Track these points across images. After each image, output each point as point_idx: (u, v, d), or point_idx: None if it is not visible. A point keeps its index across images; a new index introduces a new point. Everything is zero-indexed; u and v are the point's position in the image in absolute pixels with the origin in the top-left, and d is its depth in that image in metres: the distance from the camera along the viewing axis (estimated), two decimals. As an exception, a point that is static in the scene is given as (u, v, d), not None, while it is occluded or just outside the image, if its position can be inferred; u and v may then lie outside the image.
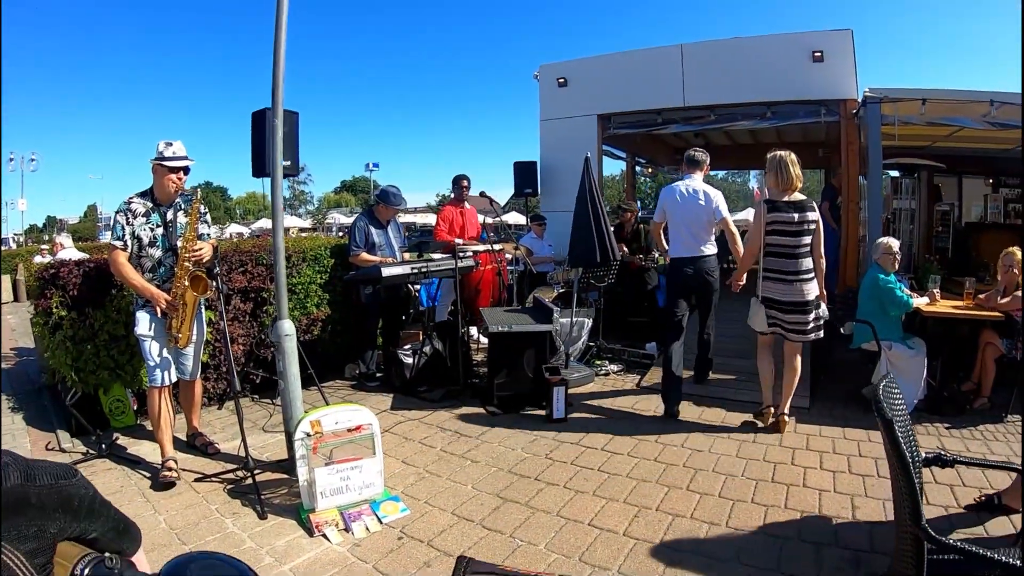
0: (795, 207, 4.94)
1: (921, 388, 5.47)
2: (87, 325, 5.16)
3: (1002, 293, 5.73)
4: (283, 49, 4.20)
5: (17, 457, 1.14)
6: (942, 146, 9.67)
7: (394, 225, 6.92)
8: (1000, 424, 5.25)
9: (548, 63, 10.54)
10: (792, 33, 8.90)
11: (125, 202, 4.52)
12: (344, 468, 3.81)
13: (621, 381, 6.61)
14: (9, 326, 13.06)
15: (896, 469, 2.34)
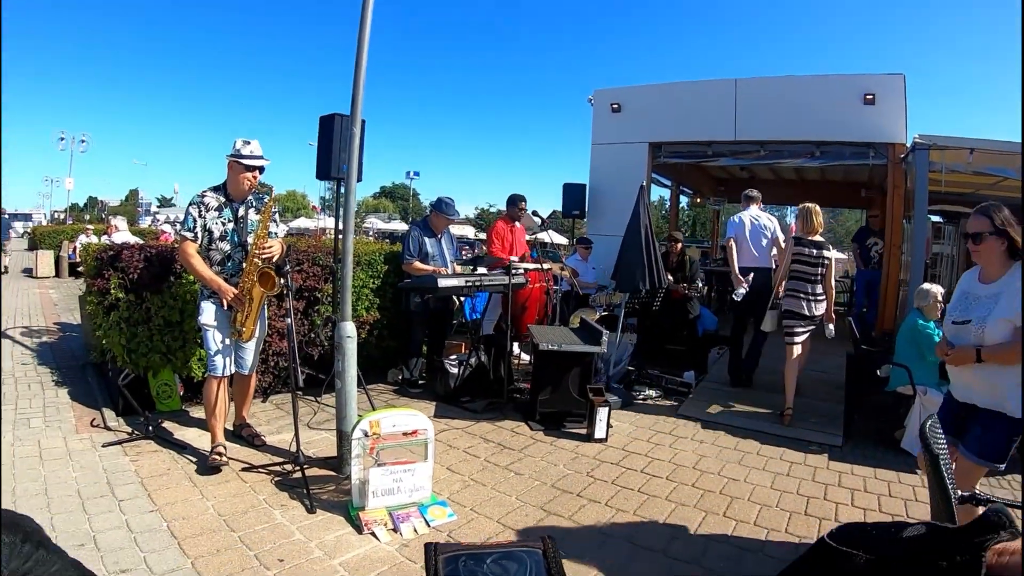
0: (815, 245, 6.33)
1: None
2: (143, 309, 5.32)
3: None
4: (364, 63, 4.31)
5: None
6: (986, 194, 9.62)
7: (447, 236, 6.99)
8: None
9: (603, 88, 10.64)
10: (844, 74, 8.96)
11: (199, 195, 4.64)
12: (397, 470, 3.91)
13: (659, 407, 6.67)
14: (51, 300, 13.35)
15: (938, 502, 2.43)
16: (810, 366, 7.52)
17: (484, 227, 38.44)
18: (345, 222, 4.63)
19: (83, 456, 4.61)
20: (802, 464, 5.16)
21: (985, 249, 3.24)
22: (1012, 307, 3.06)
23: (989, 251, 3.23)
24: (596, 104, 10.68)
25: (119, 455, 4.64)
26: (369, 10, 4.34)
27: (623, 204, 8.26)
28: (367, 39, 4.34)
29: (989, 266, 3.30)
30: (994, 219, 3.21)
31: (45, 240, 22.85)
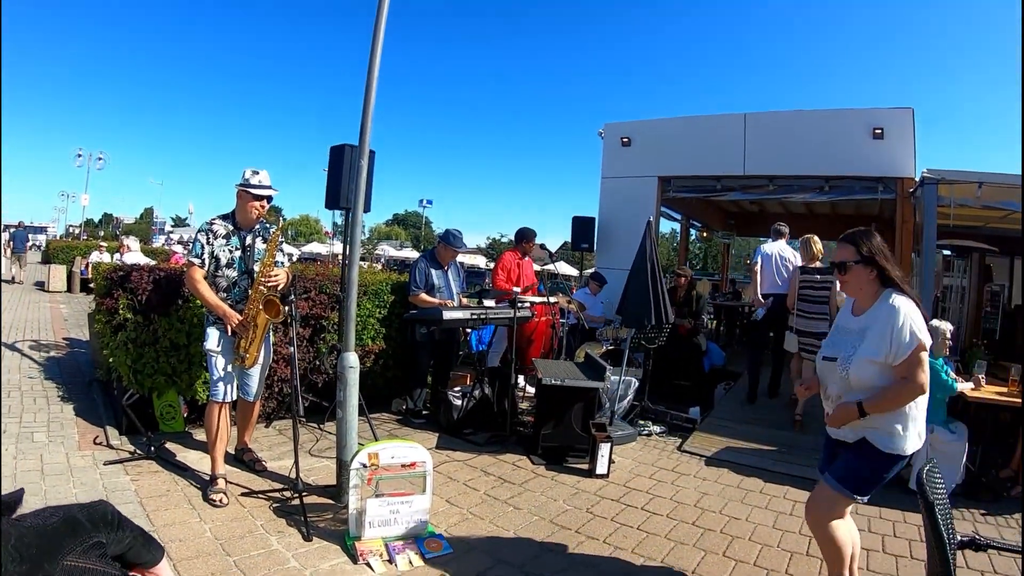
0: (817, 271, 7.23)
1: (960, 473, 5.45)
2: (150, 330, 5.36)
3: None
4: (373, 97, 4.40)
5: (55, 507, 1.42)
6: (996, 227, 9.62)
7: (454, 267, 7.02)
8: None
9: (613, 122, 10.73)
10: (853, 109, 9.01)
11: (208, 223, 4.71)
12: (395, 501, 3.92)
13: (663, 443, 6.62)
14: (61, 315, 13.42)
15: (933, 550, 2.41)
16: (816, 403, 7.44)
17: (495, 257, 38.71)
18: (351, 253, 4.67)
19: (84, 473, 4.63)
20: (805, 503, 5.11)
21: (852, 279, 3.11)
22: (878, 346, 2.91)
23: (856, 280, 3.10)
24: (606, 137, 10.76)
25: (120, 474, 4.66)
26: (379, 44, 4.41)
27: (632, 238, 8.28)
28: (376, 74, 4.44)
29: (859, 297, 3.17)
30: (860, 247, 3.07)
31: (59, 255, 23.15)
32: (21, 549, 1.29)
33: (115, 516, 1.54)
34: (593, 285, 9.65)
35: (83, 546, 1.39)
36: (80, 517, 1.44)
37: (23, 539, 1.30)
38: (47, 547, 1.34)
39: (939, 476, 2.60)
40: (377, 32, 4.42)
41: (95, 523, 1.46)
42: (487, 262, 47.41)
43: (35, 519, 1.42)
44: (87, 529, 1.42)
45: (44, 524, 1.42)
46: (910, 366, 2.84)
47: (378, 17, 4.43)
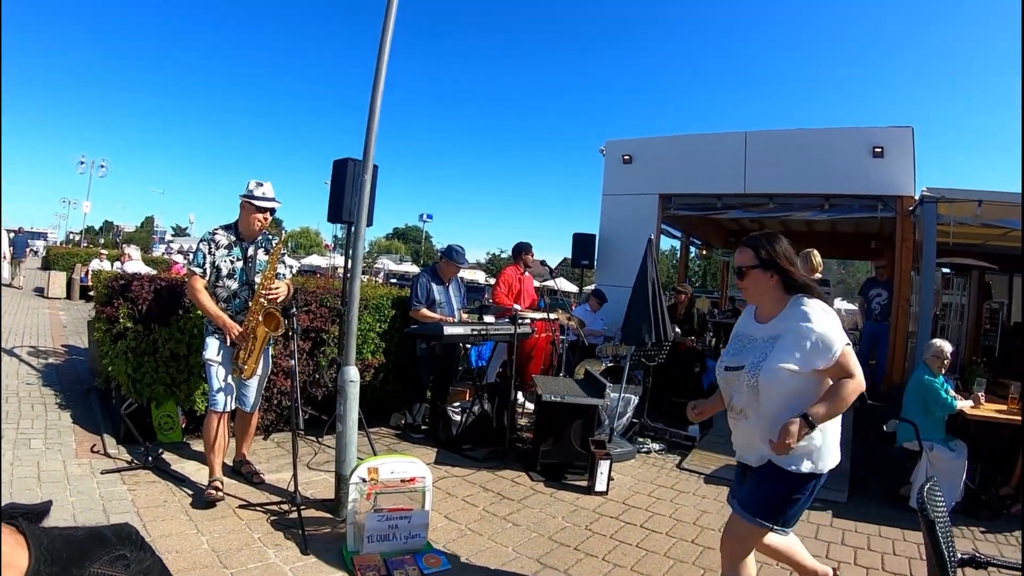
0: (817, 283, 6.14)
1: (959, 491, 5.44)
2: (150, 340, 5.35)
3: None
4: (377, 113, 4.42)
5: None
6: (995, 245, 9.64)
7: (455, 283, 7.01)
8: (1036, 530, 5.21)
9: (614, 139, 10.78)
10: (853, 128, 9.04)
11: (210, 232, 4.73)
12: (394, 517, 3.91)
13: (662, 460, 6.61)
14: (60, 322, 13.41)
15: (933, 568, 2.40)
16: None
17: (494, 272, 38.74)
18: (353, 267, 4.69)
19: (81, 481, 4.61)
20: (805, 521, 5.08)
21: (751, 284, 2.94)
22: (799, 355, 2.70)
23: (756, 286, 2.93)
24: (608, 155, 10.80)
25: (117, 483, 4.64)
26: (384, 63, 4.45)
27: (632, 255, 8.30)
28: (380, 90, 4.47)
29: (761, 303, 2.99)
30: (759, 251, 2.89)
31: (59, 261, 23.14)
32: (52, 552, 1.36)
33: (139, 537, 1.63)
34: (593, 302, 9.66)
35: (109, 557, 1.47)
36: (107, 532, 1.54)
37: (54, 543, 1.38)
38: (75, 554, 1.42)
39: (940, 494, 2.60)
40: (382, 54, 4.46)
41: (121, 539, 1.54)
42: (487, 277, 47.48)
43: (62, 530, 1.51)
44: (113, 543, 1.51)
45: (72, 534, 1.51)
46: (842, 367, 2.67)
47: (383, 36, 4.46)
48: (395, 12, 4.47)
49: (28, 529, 1.34)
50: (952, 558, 2.44)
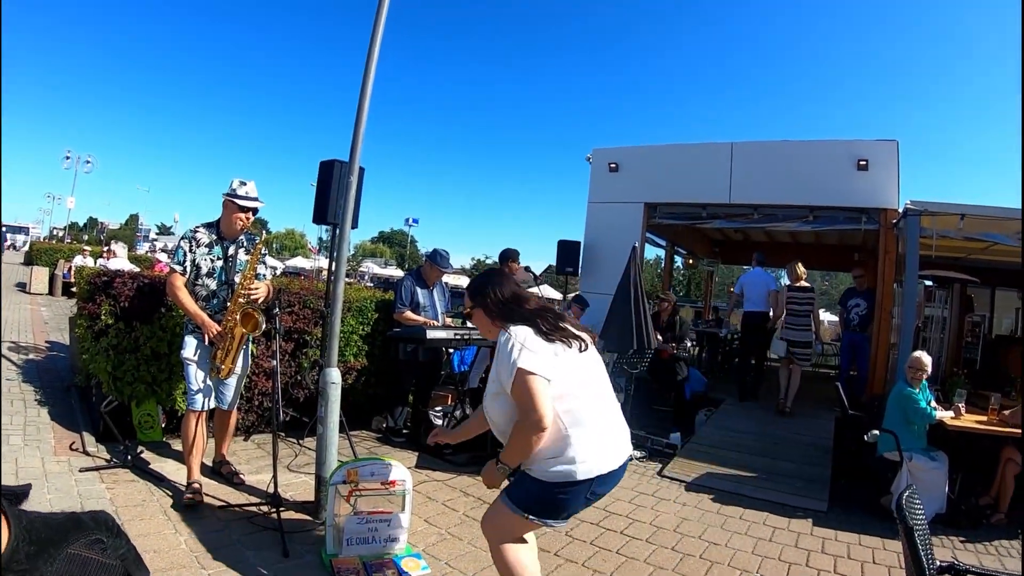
0: (801, 290, 9.03)
1: (943, 502, 5.48)
2: (132, 337, 5.33)
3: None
4: (365, 114, 4.42)
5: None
6: (977, 258, 9.72)
7: (439, 287, 6.99)
8: (1015, 540, 5.26)
9: (601, 148, 10.80)
10: (839, 140, 9.08)
11: (191, 230, 4.72)
12: (373, 520, 3.89)
13: (643, 468, 6.61)
14: (42, 317, 13.35)
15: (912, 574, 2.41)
16: (797, 431, 7.65)
17: (479, 277, 38.45)
18: (337, 268, 4.68)
19: (59, 479, 4.57)
20: (785, 529, 5.12)
21: (477, 322, 3.00)
22: (495, 379, 2.75)
23: (481, 324, 2.97)
24: (594, 163, 10.83)
25: (95, 481, 4.61)
26: (373, 64, 4.44)
27: (617, 263, 8.33)
28: (368, 92, 4.46)
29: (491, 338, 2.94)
30: (475, 296, 2.96)
31: (42, 257, 22.96)
32: (31, 531, 1.38)
33: (115, 524, 1.68)
34: (576, 308, 9.65)
35: (86, 540, 1.52)
36: (84, 517, 1.60)
37: (33, 523, 1.41)
38: (53, 535, 1.47)
39: (918, 502, 2.61)
40: (371, 56, 4.46)
41: (98, 524, 1.60)
42: (471, 283, 47.41)
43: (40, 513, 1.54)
44: (90, 527, 1.56)
45: (51, 516, 1.54)
46: (518, 396, 2.61)
47: (372, 39, 4.47)
48: (385, 16, 4.48)
49: (8, 508, 1.35)
50: (931, 566, 2.45)
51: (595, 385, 2.83)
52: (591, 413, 2.71)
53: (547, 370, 2.60)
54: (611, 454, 2.71)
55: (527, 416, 2.57)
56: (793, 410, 8.73)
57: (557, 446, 2.64)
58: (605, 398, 2.86)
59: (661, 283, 14.65)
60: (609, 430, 2.77)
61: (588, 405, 2.72)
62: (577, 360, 2.78)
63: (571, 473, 2.61)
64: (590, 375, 2.82)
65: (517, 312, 2.82)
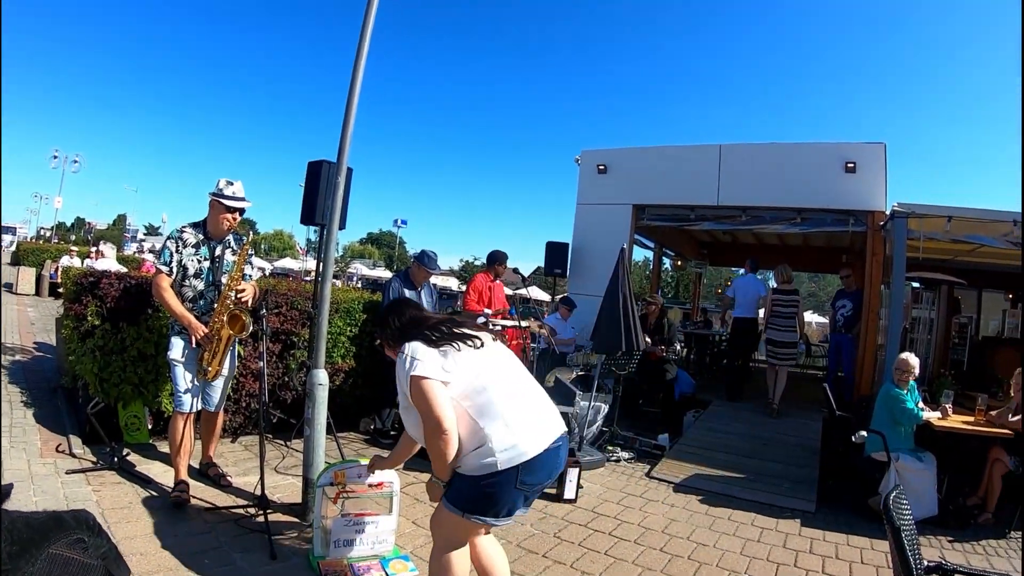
0: (786, 292, 9.17)
1: (933, 503, 5.50)
2: (119, 338, 5.28)
3: (1014, 411, 5.80)
4: (353, 114, 4.41)
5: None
6: (964, 260, 9.78)
7: (427, 288, 6.95)
8: (1003, 540, 5.31)
9: (590, 149, 10.80)
10: (827, 143, 9.13)
11: (178, 230, 4.67)
12: (360, 521, 3.88)
13: (631, 469, 6.63)
14: (28, 318, 13.24)
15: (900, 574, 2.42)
16: (785, 431, 7.68)
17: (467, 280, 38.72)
18: (324, 269, 4.65)
19: (45, 481, 4.53)
20: (774, 530, 5.14)
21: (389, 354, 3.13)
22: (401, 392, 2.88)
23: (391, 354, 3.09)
24: (583, 164, 10.84)
25: (82, 483, 4.57)
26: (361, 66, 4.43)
27: (605, 264, 8.33)
28: (357, 93, 4.46)
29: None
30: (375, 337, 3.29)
31: (28, 257, 22.77)
32: (12, 532, 1.37)
33: (96, 524, 1.68)
34: (563, 310, 9.65)
35: (68, 539, 1.52)
36: (66, 516, 1.60)
37: (14, 523, 1.40)
38: (35, 535, 1.46)
39: (905, 502, 2.62)
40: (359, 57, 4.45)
41: (79, 523, 1.60)
42: (459, 284, 47.36)
43: (21, 513, 1.52)
44: (71, 526, 1.57)
45: (32, 517, 1.54)
46: (416, 403, 2.77)
47: (362, 37, 4.45)
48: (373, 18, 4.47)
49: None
50: (919, 566, 2.46)
51: (503, 377, 2.90)
52: (502, 405, 2.77)
53: (438, 373, 2.75)
54: (531, 440, 2.74)
55: (427, 421, 2.71)
56: (781, 410, 8.82)
57: (474, 440, 2.73)
58: (519, 387, 2.94)
59: (649, 285, 14.67)
60: (525, 418, 2.80)
61: (497, 397, 2.78)
62: (476, 358, 2.88)
63: (492, 464, 2.67)
64: (495, 369, 2.91)
65: (411, 332, 2.94)
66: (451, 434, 2.68)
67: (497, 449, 2.66)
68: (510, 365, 3.00)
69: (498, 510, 2.76)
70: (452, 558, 2.91)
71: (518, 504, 2.82)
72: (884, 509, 2.46)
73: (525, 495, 2.81)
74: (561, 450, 2.88)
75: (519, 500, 2.80)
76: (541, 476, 2.79)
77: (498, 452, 2.66)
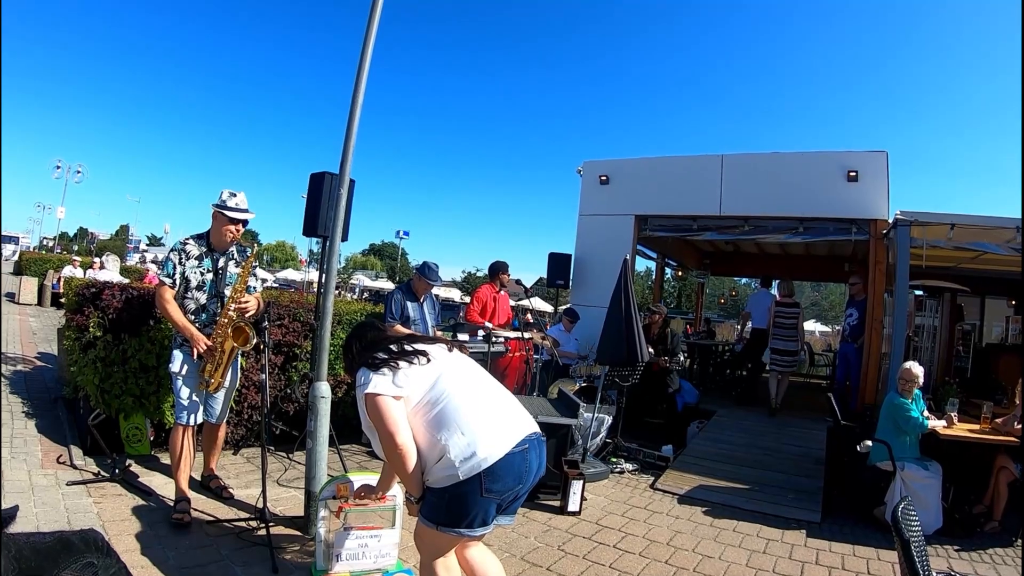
0: (788, 305, 9.99)
1: (938, 514, 5.47)
2: (120, 350, 5.27)
3: (1019, 418, 5.77)
4: (355, 127, 4.41)
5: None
6: (967, 267, 9.76)
7: (429, 300, 6.92)
8: (1009, 548, 5.28)
9: (592, 160, 10.85)
10: (829, 151, 9.14)
11: (181, 242, 4.66)
12: (363, 535, 3.84)
13: (635, 480, 6.59)
14: (30, 328, 13.21)
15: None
16: (789, 441, 7.65)
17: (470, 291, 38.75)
18: (326, 282, 4.64)
19: (46, 492, 4.50)
20: (779, 541, 5.10)
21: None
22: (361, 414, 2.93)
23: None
24: (585, 175, 10.86)
25: (83, 495, 4.55)
26: (363, 79, 4.43)
27: (608, 275, 8.32)
28: (359, 105, 4.46)
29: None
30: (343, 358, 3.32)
31: (31, 267, 22.75)
32: (20, 560, 1.35)
33: (104, 544, 1.65)
34: (567, 322, 9.63)
35: (76, 564, 1.49)
36: (73, 539, 1.56)
37: (22, 551, 1.38)
38: (43, 562, 1.43)
39: (914, 513, 2.60)
40: (361, 68, 4.44)
41: (88, 545, 1.56)
42: (462, 296, 47.36)
43: (28, 537, 1.50)
44: (80, 549, 1.54)
45: (40, 541, 1.51)
46: (373, 420, 2.82)
47: (363, 50, 4.45)
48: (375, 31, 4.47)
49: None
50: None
51: (459, 388, 2.90)
52: (457, 414, 2.77)
53: (389, 388, 2.80)
54: (489, 446, 2.71)
55: (382, 437, 2.77)
56: (785, 420, 8.95)
57: (435, 453, 2.74)
58: (477, 395, 2.93)
59: (652, 295, 14.66)
60: (483, 425, 2.78)
61: (452, 408, 2.79)
62: (430, 371, 2.92)
63: (454, 475, 2.67)
64: (451, 380, 2.92)
65: (367, 354, 2.98)
66: (406, 448, 2.73)
67: (456, 460, 2.66)
68: (469, 374, 3.02)
69: (471, 520, 2.73)
70: (437, 566, 2.90)
71: (491, 513, 2.79)
72: (893, 521, 2.43)
73: (497, 503, 2.78)
74: (530, 452, 2.84)
75: (491, 508, 2.77)
76: (509, 482, 2.76)
77: (457, 463, 2.66)
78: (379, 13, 4.46)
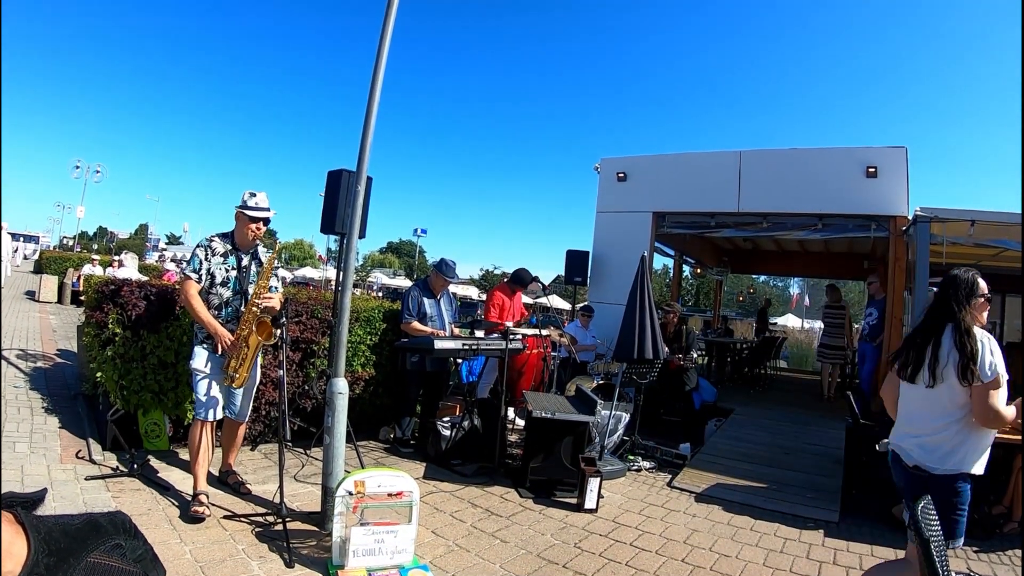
0: (835, 307, 11.33)
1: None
2: (139, 346, 5.30)
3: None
4: (372, 123, 4.43)
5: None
6: (987, 264, 9.64)
7: (447, 297, 6.98)
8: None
9: (609, 157, 10.79)
10: (848, 148, 9.07)
11: (207, 239, 4.72)
12: (380, 531, 3.85)
13: (653, 478, 6.56)
14: (50, 326, 13.31)
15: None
16: (808, 440, 7.60)
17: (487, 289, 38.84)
18: (344, 279, 4.65)
19: (65, 487, 4.54)
20: (796, 541, 5.06)
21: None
22: None
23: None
24: (602, 172, 10.82)
25: (101, 490, 4.59)
26: (380, 75, 4.45)
27: (625, 272, 8.31)
28: (376, 103, 4.48)
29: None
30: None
31: (51, 265, 23.06)
32: (50, 542, 1.36)
33: (132, 526, 1.67)
34: (583, 319, 9.61)
35: (105, 546, 1.52)
36: (102, 521, 1.59)
37: (51, 533, 1.39)
38: (72, 544, 1.44)
39: (934, 514, 2.58)
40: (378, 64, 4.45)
41: (116, 527, 1.58)
42: (479, 293, 47.41)
43: (58, 519, 1.52)
44: (108, 532, 1.56)
45: (69, 523, 1.53)
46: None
47: (380, 47, 4.46)
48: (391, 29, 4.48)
49: (27, 519, 1.33)
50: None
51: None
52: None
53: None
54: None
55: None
56: (804, 418, 8.96)
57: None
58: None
59: (669, 293, 14.64)
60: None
61: None
62: None
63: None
64: None
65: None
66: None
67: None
68: None
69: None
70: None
71: None
72: (912, 521, 2.41)
73: None
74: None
75: None
76: None
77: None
78: (395, 12, 4.47)
